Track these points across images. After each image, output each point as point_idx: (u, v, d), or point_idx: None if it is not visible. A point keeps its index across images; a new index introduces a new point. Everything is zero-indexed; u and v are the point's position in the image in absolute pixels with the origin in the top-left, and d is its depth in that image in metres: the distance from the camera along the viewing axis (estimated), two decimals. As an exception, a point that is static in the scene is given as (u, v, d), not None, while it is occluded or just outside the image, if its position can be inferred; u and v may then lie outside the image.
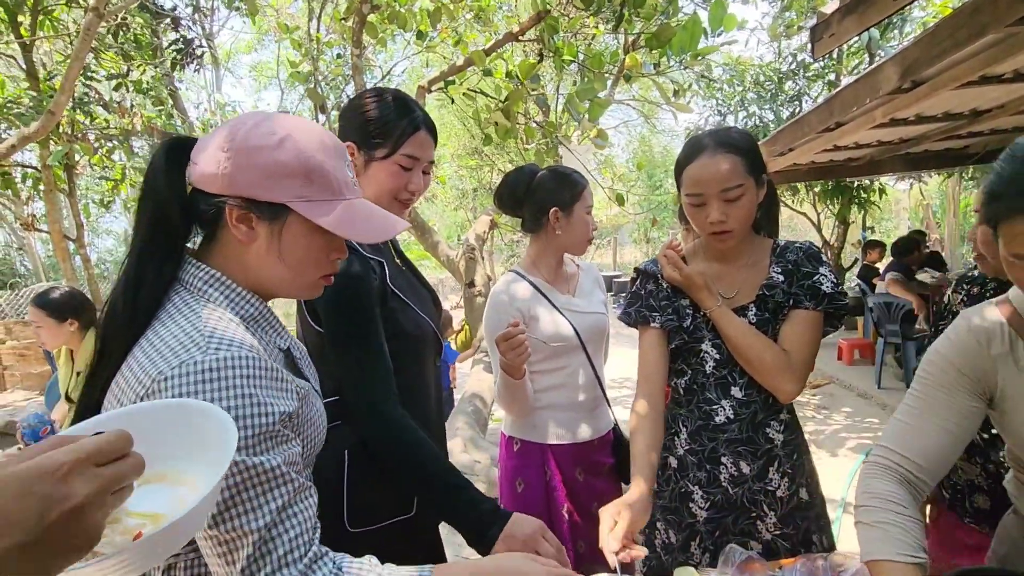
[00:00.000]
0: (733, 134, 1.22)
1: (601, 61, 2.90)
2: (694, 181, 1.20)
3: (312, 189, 0.74)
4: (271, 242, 0.75)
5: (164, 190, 0.74)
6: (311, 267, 0.78)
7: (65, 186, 6.82)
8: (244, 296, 0.77)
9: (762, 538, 1.26)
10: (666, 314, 1.31)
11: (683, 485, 1.30)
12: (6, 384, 7.88)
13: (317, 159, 0.74)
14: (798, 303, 1.22)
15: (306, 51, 4.30)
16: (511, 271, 1.68)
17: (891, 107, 3.29)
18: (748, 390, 1.25)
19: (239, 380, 0.66)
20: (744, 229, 1.22)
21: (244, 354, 0.68)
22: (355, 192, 0.80)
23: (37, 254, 16.28)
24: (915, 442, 0.92)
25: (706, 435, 1.28)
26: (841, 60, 7.80)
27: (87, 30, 4.08)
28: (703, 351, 1.28)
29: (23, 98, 5.44)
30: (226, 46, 13.53)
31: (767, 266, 1.27)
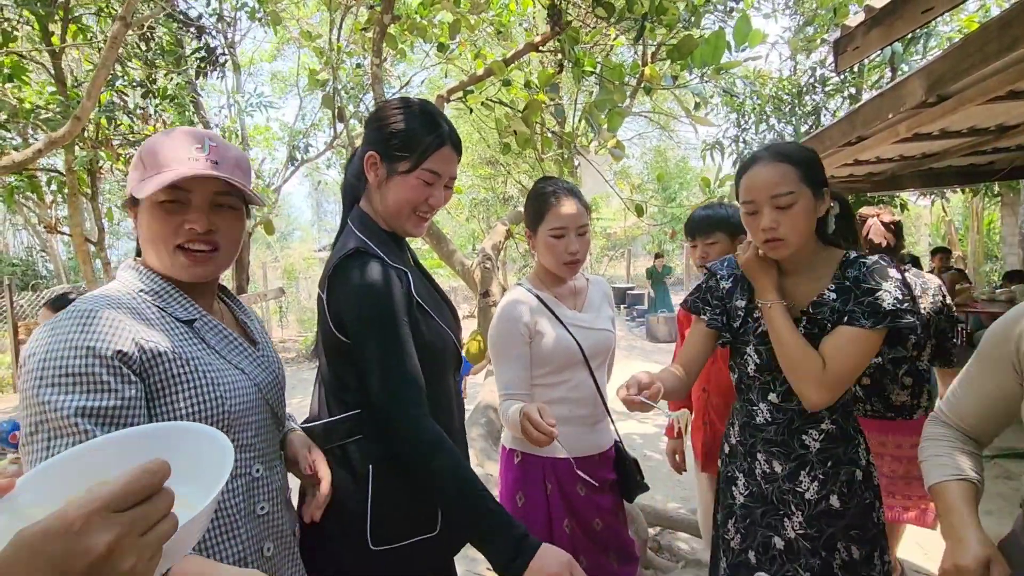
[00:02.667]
0: (788, 146, 1.27)
1: (621, 72, 2.89)
2: (747, 188, 1.26)
3: (145, 172, 0.92)
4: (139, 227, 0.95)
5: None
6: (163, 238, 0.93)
7: (88, 190, 6.96)
8: (147, 274, 0.94)
9: (786, 535, 1.32)
10: (715, 312, 1.42)
11: (731, 471, 1.45)
12: (25, 384, 8.01)
13: (150, 146, 0.92)
14: (852, 320, 1.20)
15: (327, 60, 4.35)
16: (518, 284, 1.66)
17: (915, 121, 3.24)
18: (785, 398, 1.32)
19: (67, 323, 0.79)
20: (798, 239, 1.24)
21: (92, 309, 0.81)
22: (184, 164, 0.91)
23: (59, 256, 16.61)
24: (958, 410, 1.05)
25: (749, 431, 1.40)
26: (862, 74, 7.72)
27: (114, 38, 4.17)
28: (747, 353, 1.37)
29: (51, 104, 5.57)
30: (248, 54, 13.78)
31: (830, 279, 1.28)
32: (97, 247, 7.33)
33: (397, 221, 1.20)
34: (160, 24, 6.22)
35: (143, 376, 0.82)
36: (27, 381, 0.74)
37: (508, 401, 1.51)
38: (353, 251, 1.11)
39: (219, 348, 0.95)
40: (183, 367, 0.86)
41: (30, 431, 0.73)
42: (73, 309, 0.79)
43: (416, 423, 1.04)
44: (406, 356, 1.08)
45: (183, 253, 0.91)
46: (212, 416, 0.88)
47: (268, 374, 1.03)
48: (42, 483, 0.53)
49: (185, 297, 0.95)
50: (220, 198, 0.95)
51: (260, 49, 14.31)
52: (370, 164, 1.18)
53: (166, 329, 0.89)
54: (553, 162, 4.78)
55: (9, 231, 18.59)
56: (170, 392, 0.85)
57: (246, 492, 0.94)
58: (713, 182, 3.66)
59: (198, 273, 0.93)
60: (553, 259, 1.55)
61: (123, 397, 0.78)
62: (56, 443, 0.72)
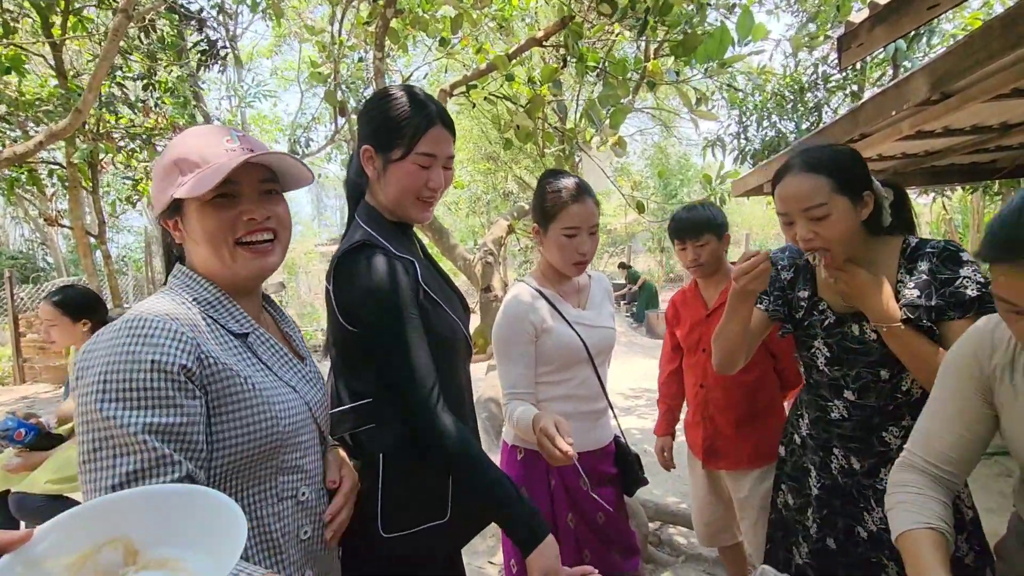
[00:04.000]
0: (822, 153, 1.23)
1: (625, 68, 2.88)
2: (781, 200, 1.25)
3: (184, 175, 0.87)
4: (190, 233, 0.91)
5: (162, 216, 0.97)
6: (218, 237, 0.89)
7: (88, 183, 6.95)
8: (200, 282, 0.89)
9: (867, 527, 1.31)
10: (776, 303, 1.41)
11: (803, 461, 1.43)
12: (26, 377, 8.01)
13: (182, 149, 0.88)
14: (941, 316, 1.16)
15: (328, 53, 4.34)
16: (520, 281, 1.64)
17: (919, 119, 3.22)
18: (862, 396, 1.28)
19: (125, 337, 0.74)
20: (843, 246, 1.22)
21: (149, 317, 0.77)
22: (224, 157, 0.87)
23: (59, 249, 16.60)
24: (935, 447, 0.98)
25: (822, 426, 1.37)
26: (864, 72, 7.70)
27: (115, 31, 4.15)
28: (815, 347, 1.34)
29: (52, 96, 5.55)
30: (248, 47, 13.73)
31: (895, 270, 1.24)
32: (98, 240, 7.33)
33: (401, 209, 1.20)
34: (161, 17, 6.20)
35: (204, 392, 0.78)
36: (87, 396, 0.70)
37: (515, 401, 1.50)
38: (359, 243, 1.12)
39: (271, 363, 0.91)
40: (240, 384, 0.82)
41: (93, 447, 0.68)
42: (131, 320, 0.75)
43: (431, 411, 1.06)
44: (416, 345, 1.08)
45: (244, 248, 0.88)
46: (265, 436, 0.84)
47: (317, 391, 0.99)
48: (59, 534, 0.54)
49: (237, 307, 0.90)
50: (266, 184, 0.90)
51: (260, 44, 14.28)
52: (366, 158, 1.18)
53: (221, 342, 0.84)
54: (554, 158, 4.78)
55: (9, 224, 18.57)
56: (226, 410, 0.80)
57: (292, 515, 0.90)
58: (715, 179, 3.65)
59: (264, 265, 0.89)
60: (562, 258, 1.53)
61: (188, 414, 0.74)
62: (123, 461, 0.68)
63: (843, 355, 1.28)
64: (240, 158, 0.84)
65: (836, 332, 1.30)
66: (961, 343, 0.96)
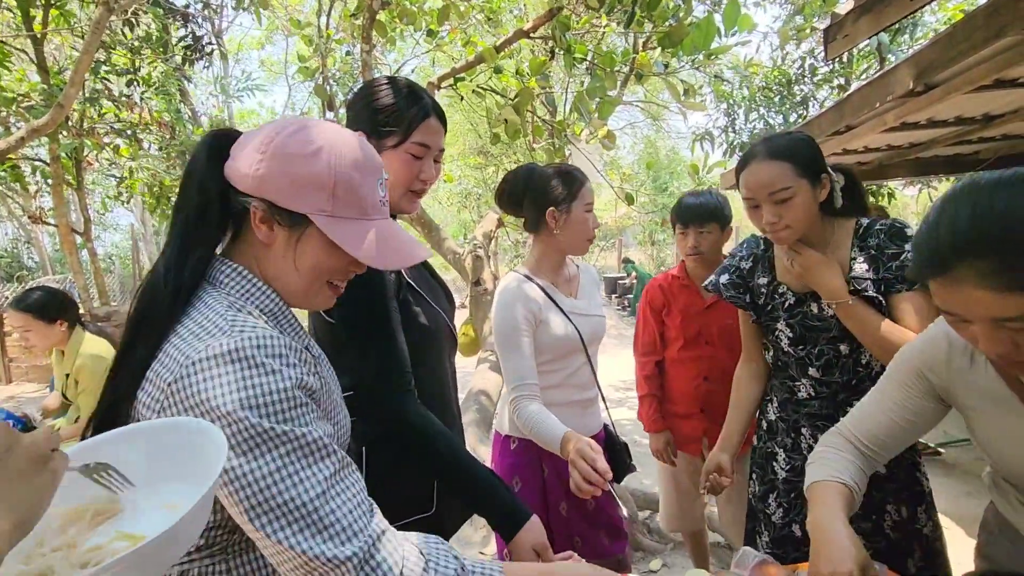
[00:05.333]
0: (783, 140, 1.31)
1: (613, 60, 2.88)
2: (746, 186, 1.31)
3: (336, 205, 0.74)
4: (288, 248, 0.75)
5: (205, 181, 0.75)
6: (322, 276, 0.78)
7: (74, 180, 6.86)
8: (264, 291, 0.77)
9: None
10: (738, 291, 1.47)
11: (770, 446, 1.49)
12: (12, 376, 7.92)
13: (348, 175, 0.74)
14: (890, 288, 1.25)
15: (316, 47, 4.31)
16: (514, 272, 1.64)
17: (903, 110, 3.26)
18: (827, 372, 1.34)
19: (263, 358, 0.66)
20: (803, 226, 1.29)
21: (266, 334, 0.68)
22: (382, 213, 0.79)
23: (44, 248, 16.37)
24: (863, 424, 1.03)
25: (791, 407, 1.44)
26: (851, 64, 7.76)
27: (97, 24, 4.10)
28: (778, 329, 1.40)
29: (33, 92, 5.47)
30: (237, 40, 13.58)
31: (849, 249, 1.32)
32: (84, 237, 7.24)
33: (391, 200, 1.20)
34: (145, 11, 6.11)
35: None
36: (244, 422, 0.63)
37: (526, 400, 1.46)
38: None
39: (330, 382, 0.85)
40: (321, 403, 0.76)
41: (280, 464, 0.64)
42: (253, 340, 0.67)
43: (401, 403, 1.06)
44: (392, 338, 1.08)
45: (330, 287, 0.81)
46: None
47: (347, 418, 0.93)
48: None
49: (296, 320, 0.84)
50: None
51: (248, 36, 14.11)
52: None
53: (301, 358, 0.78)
54: (544, 152, 4.78)
55: (-8, 222, 18.29)
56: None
57: None
58: (702, 169, 3.67)
59: (327, 303, 0.83)
60: (583, 235, 1.57)
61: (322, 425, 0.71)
62: (321, 467, 0.66)
63: (805, 333, 1.34)
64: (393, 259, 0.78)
65: (797, 312, 1.36)
66: (918, 341, 0.98)
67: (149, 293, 0.73)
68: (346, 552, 0.63)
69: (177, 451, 0.60)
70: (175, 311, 0.71)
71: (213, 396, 0.63)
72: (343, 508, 0.65)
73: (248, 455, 0.63)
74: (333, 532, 0.63)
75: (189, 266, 0.73)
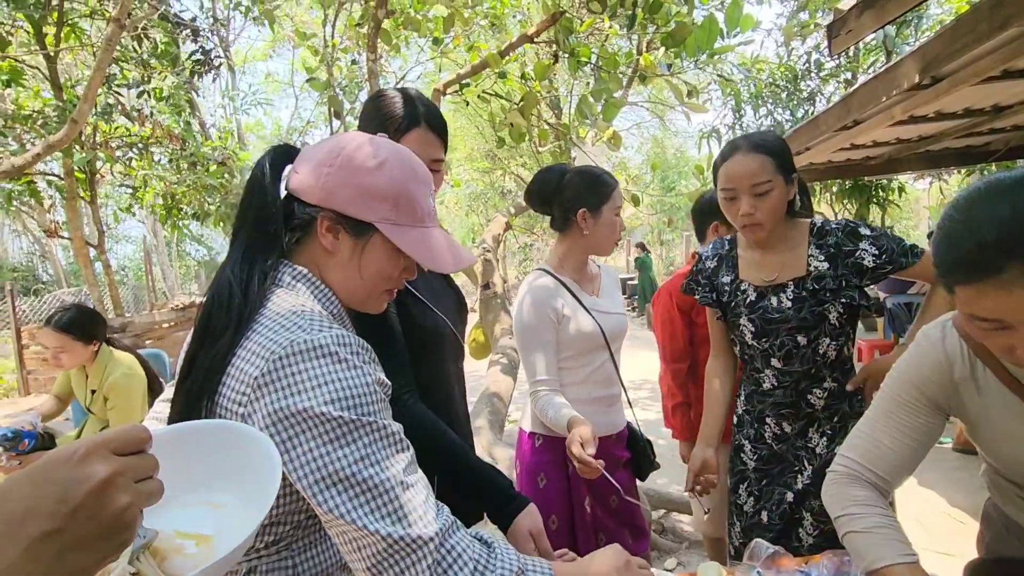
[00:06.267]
0: (765, 137, 1.37)
1: (616, 61, 2.90)
2: (727, 177, 1.36)
3: (399, 214, 0.79)
4: (353, 255, 0.80)
5: (269, 192, 0.79)
6: (382, 282, 0.83)
7: (87, 194, 6.98)
8: (328, 294, 0.82)
9: (795, 488, 1.44)
10: (704, 290, 1.54)
11: (738, 439, 1.56)
12: (29, 388, 8.04)
13: (408, 187, 0.80)
14: (848, 282, 1.34)
15: (322, 58, 4.36)
16: (539, 269, 1.67)
17: (910, 104, 3.24)
18: (787, 362, 1.41)
19: (346, 354, 0.70)
20: (773, 222, 1.36)
21: (343, 332, 0.72)
22: (435, 222, 0.85)
23: (59, 261, 16.64)
24: (877, 455, 0.95)
25: (756, 399, 1.50)
26: (858, 59, 7.71)
27: (109, 40, 4.18)
28: (741, 324, 1.46)
29: (47, 108, 5.58)
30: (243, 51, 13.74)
31: (805, 248, 1.40)
32: (97, 250, 7.36)
33: None
34: (154, 25, 6.22)
35: None
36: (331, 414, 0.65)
37: (547, 396, 1.50)
38: None
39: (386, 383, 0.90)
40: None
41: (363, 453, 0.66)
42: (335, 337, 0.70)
43: (404, 404, 1.08)
44: (388, 338, 1.10)
45: (386, 294, 0.85)
46: None
47: None
48: None
49: (349, 322, 0.87)
50: None
51: (254, 48, 14.27)
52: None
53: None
54: (550, 154, 4.79)
55: (8, 237, 18.61)
56: None
57: None
58: (707, 169, 3.67)
59: (382, 307, 0.87)
60: (611, 237, 1.62)
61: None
62: (400, 457, 0.69)
63: (766, 326, 1.41)
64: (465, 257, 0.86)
65: (758, 307, 1.42)
66: (912, 358, 0.95)
67: (217, 298, 0.76)
68: (428, 533, 0.66)
69: (214, 452, 0.62)
70: (246, 312, 0.74)
71: (302, 390, 0.66)
72: (419, 496, 0.68)
73: (333, 444, 0.66)
74: (414, 517, 0.66)
75: (257, 270, 0.77)
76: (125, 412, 2.32)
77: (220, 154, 7.32)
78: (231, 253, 0.80)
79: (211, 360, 0.72)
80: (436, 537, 0.66)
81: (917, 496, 3.17)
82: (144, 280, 12.94)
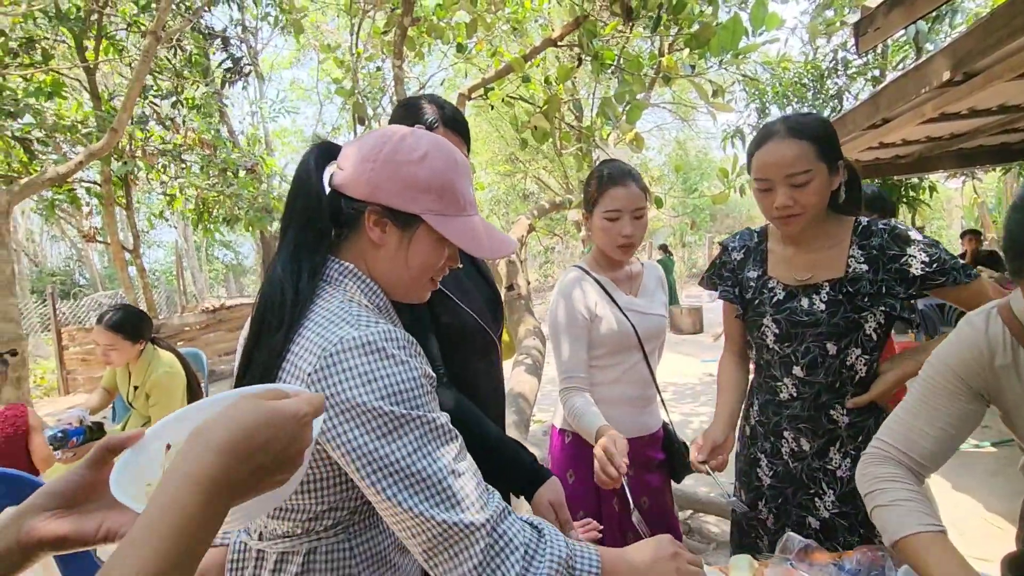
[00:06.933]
0: (805, 120, 1.22)
1: (639, 63, 2.91)
2: (761, 166, 1.22)
3: (443, 204, 0.81)
4: (400, 247, 0.82)
5: (315, 190, 0.81)
6: (428, 271, 0.85)
7: (122, 200, 7.23)
8: (374, 288, 0.83)
9: (820, 515, 1.29)
10: (726, 284, 1.41)
11: (753, 452, 1.41)
12: (68, 388, 8.33)
13: (450, 177, 0.81)
14: (890, 289, 1.20)
15: (347, 66, 4.46)
16: (576, 266, 1.66)
17: (942, 101, 3.18)
18: (811, 372, 1.27)
19: (393, 349, 0.72)
20: (813, 214, 1.22)
21: (390, 327, 0.74)
22: (475, 209, 0.86)
23: (95, 265, 17.21)
24: (913, 440, 0.95)
25: (772, 409, 1.35)
26: (886, 56, 7.56)
27: (146, 52, 4.34)
28: (764, 325, 1.32)
29: (88, 118, 5.80)
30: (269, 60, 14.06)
31: (847, 247, 1.26)
32: (132, 254, 7.61)
33: None
34: (187, 36, 6.42)
35: None
36: (381, 409, 0.69)
37: (576, 395, 1.49)
38: None
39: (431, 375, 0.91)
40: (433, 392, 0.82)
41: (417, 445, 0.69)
42: (382, 333, 0.73)
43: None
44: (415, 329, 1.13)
45: (431, 283, 0.88)
46: None
47: None
48: (171, 432, 0.60)
49: (398, 318, 0.89)
50: None
51: (280, 56, 14.59)
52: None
53: None
54: (572, 157, 4.81)
55: (47, 242, 19.31)
56: None
57: None
58: (732, 171, 3.65)
59: (426, 296, 0.90)
60: (607, 241, 1.53)
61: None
62: (449, 448, 0.72)
63: (792, 330, 1.28)
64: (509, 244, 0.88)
65: (785, 308, 1.29)
66: (953, 345, 0.94)
67: (270, 296, 0.78)
68: (480, 519, 0.68)
69: None
70: (299, 309, 0.76)
71: (354, 385, 0.69)
72: (470, 484, 0.71)
73: (386, 439, 0.69)
74: (467, 504, 0.69)
75: (307, 267, 0.79)
76: (166, 409, 2.41)
77: (249, 160, 7.52)
78: (280, 251, 0.82)
79: (267, 357, 0.75)
80: (488, 523, 0.68)
81: (953, 501, 3.09)
82: (175, 283, 13.30)
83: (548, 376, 1.68)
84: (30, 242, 17.42)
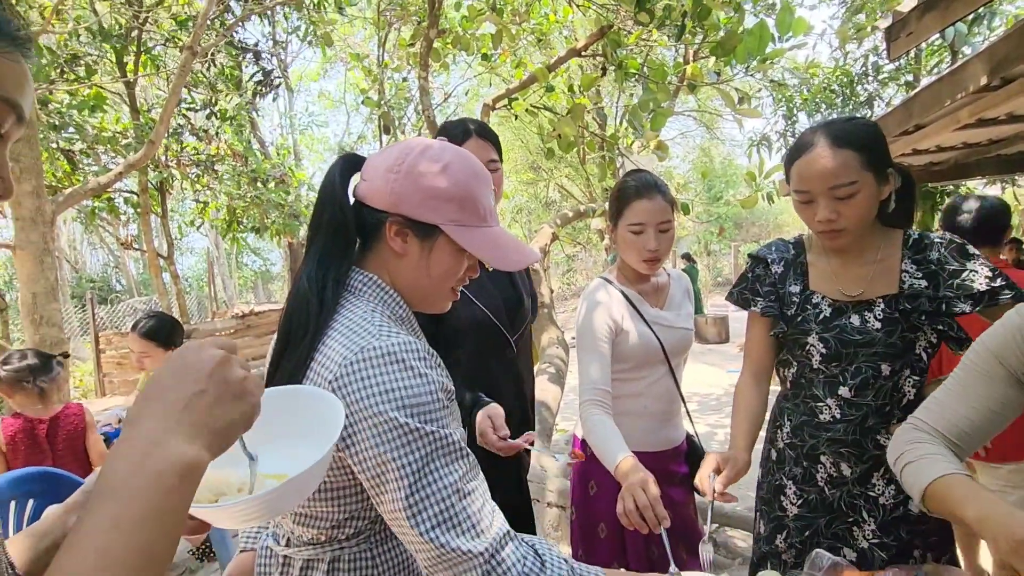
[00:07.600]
0: (850, 126, 1.13)
1: (664, 72, 2.91)
2: (801, 178, 1.14)
3: (463, 214, 0.81)
4: (421, 257, 0.82)
5: (340, 201, 0.83)
6: (449, 281, 0.85)
7: (157, 208, 7.48)
8: (396, 299, 0.84)
9: (857, 545, 1.21)
10: (768, 300, 1.29)
11: (778, 478, 1.30)
12: (106, 390, 8.60)
13: (470, 187, 0.82)
14: (951, 307, 1.13)
15: (375, 77, 4.55)
16: (601, 277, 1.64)
17: (978, 106, 3.09)
18: (859, 393, 1.19)
19: (413, 361, 0.73)
20: (860, 227, 1.14)
21: (411, 339, 0.75)
22: (496, 220, 0.87)
23: (130, 272, 17.79)
24: (948, 420, 0.93)
25: (808, 431, 1.25)
26: (920, 60, 7.38)
27: (183, 66, 4.50)
28: (809, 344, 1.22)
29: (128, 130, 6.03)
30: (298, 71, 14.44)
31: (899, 261, 1.18)
32: (167, 261, 7.86)
33: None
34: (221, 50, 6.64)
35: None
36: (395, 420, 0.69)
37: (596, 412, 1.44)
38: None
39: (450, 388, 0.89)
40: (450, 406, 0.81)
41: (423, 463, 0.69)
42: (403, 344, 0.73)
43: None
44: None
45: (451, 292, 0.88)
46: None
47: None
48: None
49: (419, 328, 0.90)
50: None
51: (308, 69, 14.98)
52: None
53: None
54: (596, 165, 4.81)
55: (86, 250, 20.06)
56: None
57: None
58: (759, 177, 3.60)
59: (447, 305, 0.90)
60: (632, 255, 1.50)
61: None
62: (456, 466, 0.71)
63: (841, 349, 1.19)
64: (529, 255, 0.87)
65: (834, 325, 1.20)
66: (997, 329, 0.93)
67: (297, 304, 0.80)
68: (479, 547, 0.67)
69: (294, 414, 0.69)
70: (323, 318, 0.77)
71: (372, 394, 0.70)
72: (474, 506, 0.70)
73: (397, 451, 0.69)
74: (467, 527, 0.68)
75: (331, 277, 0.80)
76: None
77: (278, 171, 7.71)
78: (306, 260, 0.83)
79: (293, 364, 0.77)
80: (487, 551, 0.68)
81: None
82: (206, 289, 13.65)
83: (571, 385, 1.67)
84: (72, 249, 18.12)
